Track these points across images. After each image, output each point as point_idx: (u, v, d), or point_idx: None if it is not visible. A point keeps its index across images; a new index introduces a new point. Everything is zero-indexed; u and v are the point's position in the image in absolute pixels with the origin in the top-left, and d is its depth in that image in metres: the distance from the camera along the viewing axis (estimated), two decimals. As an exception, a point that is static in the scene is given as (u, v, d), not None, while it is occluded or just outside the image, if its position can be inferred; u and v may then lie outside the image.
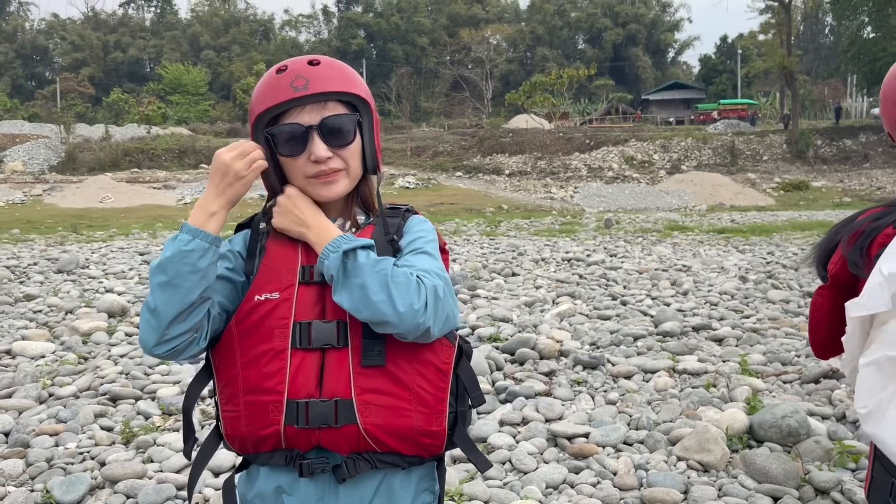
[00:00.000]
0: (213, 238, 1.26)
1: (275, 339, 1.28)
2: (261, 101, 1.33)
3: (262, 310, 1.29)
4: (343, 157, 1.34)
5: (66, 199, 25.50)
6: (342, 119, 1.32)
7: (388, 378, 1.28)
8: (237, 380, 1.30)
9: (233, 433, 1.32)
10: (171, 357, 1.29)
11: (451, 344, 1.34)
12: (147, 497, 3.29)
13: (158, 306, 1.23)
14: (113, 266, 10.70)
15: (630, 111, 57.11)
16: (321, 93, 1.30)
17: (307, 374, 1.27)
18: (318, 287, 1.31)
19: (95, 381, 5.06)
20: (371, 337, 1.28)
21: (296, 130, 1.30)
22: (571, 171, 35.39)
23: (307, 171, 1.33)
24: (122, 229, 17.91)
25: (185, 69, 68.92)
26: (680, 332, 6.27)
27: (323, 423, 1.26)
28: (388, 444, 1.29)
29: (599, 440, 3.92)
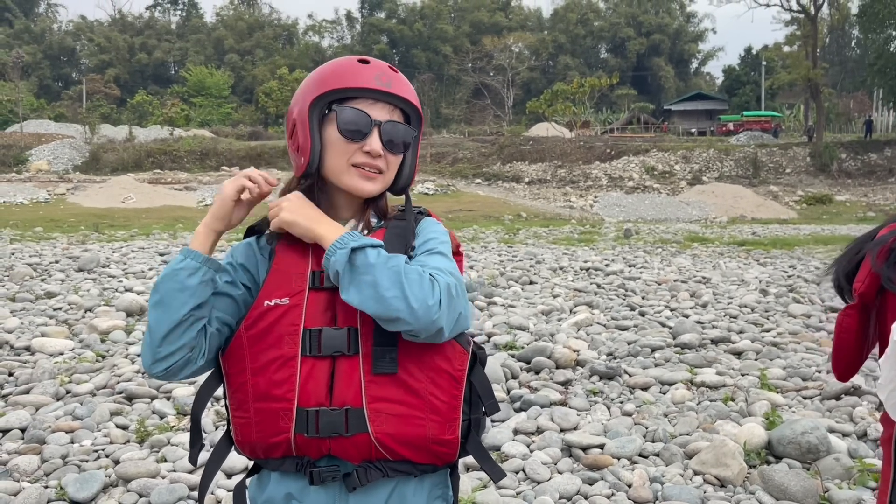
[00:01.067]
0: (203, 258, 1.29)
1: (284, 345, 1.26)
2: (339, 78, 1.32)
3: (271, 316, 1.28)
4: (388, 162, 1.35)
5: (88, 199, 25.81)
6: (404, 129, 1.35)
7: (399, 386, 1.26)
8: (246, 386, 1.29)
9: (243, 439, 1.31)
10: (168, 377, 1.28)
11: (465, 350, 1.32)
12: (160, 497, 3.30)
13: (152, 324, 1.26)
14: (133, 266, 10.80)
15: (652, 121, 56.82)
16: (398, 95, 1.34)
17: (317, 382, 1.25)
18: (328, 293, 1.29)
19: (112, 379, 5.10)
20: (383, 344, 1.26)
21: (364, 119, 1.32)
22: (591, 181, 35.25)
23: (355, 159, 1.32)
24: (143, 229, 18.08)
25: (209, 72, 69.60)
26: (698, 345, 6.20)
27: (333, 433, 1.24)
28: (400, 453, 1.27)
29: (615, 451, 3.87)
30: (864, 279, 1.25)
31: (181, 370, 1.28)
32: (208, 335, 1.30)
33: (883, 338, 1.26)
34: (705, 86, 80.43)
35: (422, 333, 1.20)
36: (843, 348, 1.33)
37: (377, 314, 1.19)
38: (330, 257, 1.23)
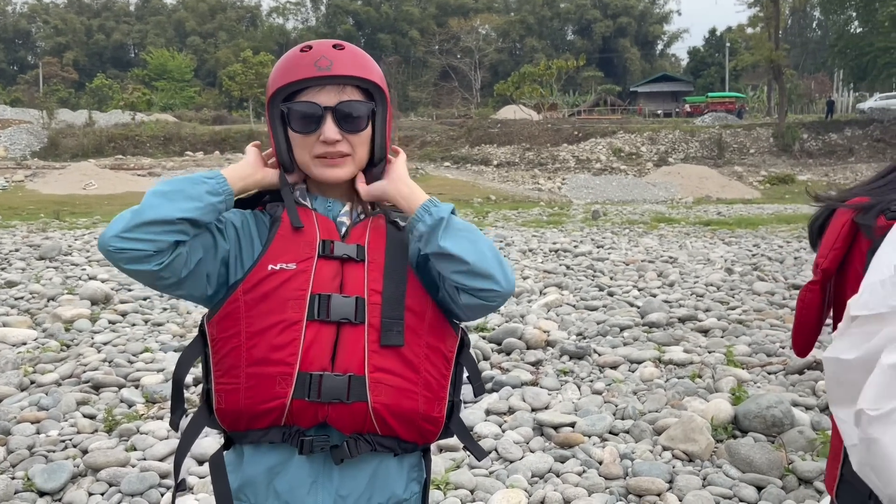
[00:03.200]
0: (229, 191, 1.29)
1: (288, 310, 1.25)
2: (281, 76, 1.32)
3: (275, 280, 1.26)
4: (352, 143, 1.34)
5: (48, 186, 25.19)
6: (358, 105, 1.33)
7: (400, 359, 1.28)
8: (239, 350, 1.26)
9: (227, 407, 1.27)
10: (117, 258, 1.22)
11: (455, 333, 1.36)
12: (130, 485, 3.26)
13: (144, 207, 1.21)
14: (96, 253, 10.58)
15: (619, 103, 57.16)
16: (342, 76, 1.31)
17: (322, 347, 1.25)
18: (337, 262, 1.30)
19: (78, 368, 5.01)
20: (392, 317, 1.28)
21: (311, 110, 1.31)
22: (559, 163, 35.40)
23: (315, 151, 1.33)
24: (105, 216, 17.72)
25: (171, 55, 68.17)
26: (666, 323, 6.29)
27: (335, 398, 1.23)
28: (392, 426, 1.28)
29: (585, 430, 3.93)
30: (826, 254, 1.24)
31: (135, 261, 1.21)
32: (175, 253, 1.25)
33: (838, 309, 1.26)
34: (671, 67, 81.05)
35: (499, 298, 1.30)
36: (804, 324, 1.32)
37: (474, 263, 1.26)
38: (430, 208, 1.30)
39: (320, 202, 1.39)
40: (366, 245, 1.33)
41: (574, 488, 3.28)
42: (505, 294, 1.30)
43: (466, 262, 1.27)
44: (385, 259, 1.32)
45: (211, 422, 1.33)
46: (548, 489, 3.29)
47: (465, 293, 1.30)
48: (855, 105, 46.13)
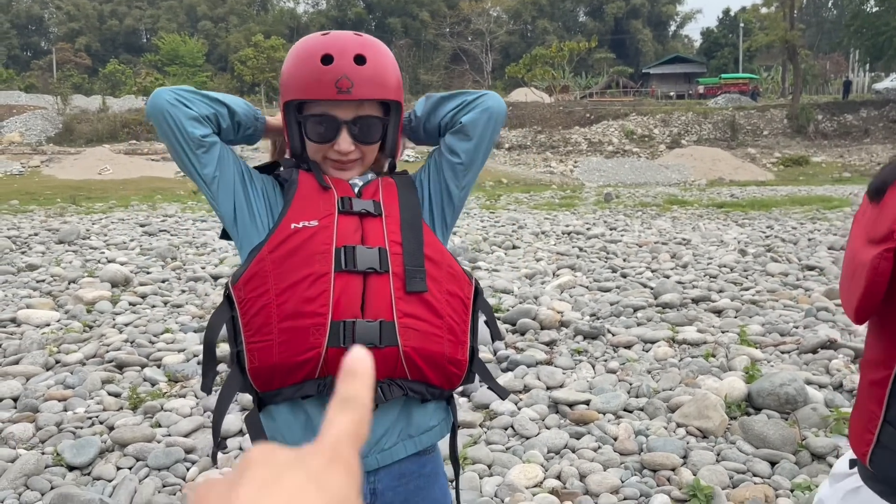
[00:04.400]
0: (263, 119, 1.46)
1: (315, 263, 1.30)
2: (298, 88, 1.37)
3: (299, 237, 1.32)
4: (363, 151, 1.43)
5: (64, 171, 25.38)
6: (373, 121, 1.40)
7: (424, 305, 1.34)
8: (270, 307, 1.30)
9: (261, 364, 1.31)
10: (176, 111, 1.33)
11: (470, 281, 1.43)
12: (157, 459, 3.36)
13: (209, 92, 1.38)
14: (114, 237, 10.72)
15: (631, 85, 56.70)
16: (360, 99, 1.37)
17: (351, 297, 1.30)
18: (356, 217, 1.36)
19: (101, 348, 5.12)
20: (414, 265, 1.34)
21: (329, 122, 1.38)
22: (571, 146, 35.25)
23: (328, 155, 1.42)
24: (121, 201, 17.88)
25: (182, 40, 68.12)
26: (679, 304, 6.32)
27: (369, 343, 1.28)
28: (421, 369, 1.33)
29: (600, 407, 3.99)
30: None
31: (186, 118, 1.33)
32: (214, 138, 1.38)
33: None
34: (683, 49, 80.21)
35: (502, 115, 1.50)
36: (875, 293, 1.23)
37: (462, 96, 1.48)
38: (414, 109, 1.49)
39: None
40: (381, 200, 1.40)
41: (589, 463, 3.34)
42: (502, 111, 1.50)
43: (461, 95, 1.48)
44: (400, 212, 1.39)
45: (244, 384, 1.36)
46: (564, 464, 3.36)
47: (466, 113, 1.46)
48: (871, 85, 45.57)
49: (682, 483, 3.14)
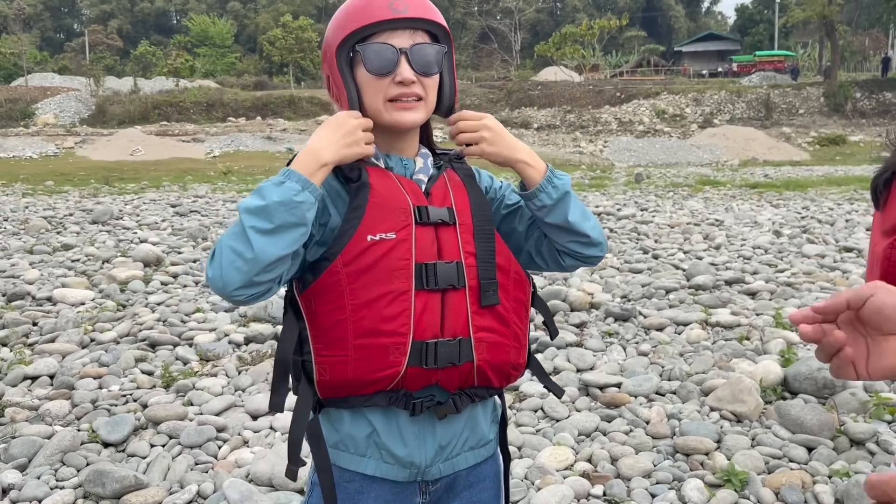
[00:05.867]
0: (319, 193, 1.22)
1: (395, 280, 1.24)
2: (354, 19, 1.30)
3: (377, 250, 1.25)
4: (425, 86, 1.33)
5: (97, 152, 25.75)
6: (432, 48, 1.33)
7: (495, 317, 1.32)
8: (345, 323, 1.25)
9: (333, 378, 1.27)
10: (247, 301, 1.22)
11: (530, 281, 1.42)
12: (189, 437, 3.39)
13: (257, 251, 1.15)
14: (146, 217, 10.86)
15: (663, 63, 55.78)
16: (416, 18, 1.30)
17: (432, 316, 1.26)
18: (432, 228, 1.30)
19: (134, 327, 5.18)
20: (487, 278, 1.31)
21: (388, 51, 1.30)
22: (601, 125, 34.84)
23: (389, 93, 1.31)
24: (152, 182, 18.09)
25: (212, 21, 68.52)
26: (712, 286, 6.22)
27: (449, 363, 1.26)
28: (490, 378, 1.33)
29: (632, 390, 3.94)
30: None
31: (263, 296, 1.23)
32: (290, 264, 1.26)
33: None
34: (716, 26, 78.65)
35: (599, 260, 1.44)
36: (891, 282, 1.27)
37: (591, 235, 1.38)
38: (554, 179, 1.36)
39: (395, 161, 1.37)
40: (453, 206, 1.33)
41: (621, 447, 3.30)
42: (604, 254, 1.44)
43: (587, 236, 1.38)
44: (473, 220, 1.34)
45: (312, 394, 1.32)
46: (595, 447, 3.32)
47: (572, 258, 1.41)
48: (912, 62, 44.19)
49: (715, 468, 3.08)
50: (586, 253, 1.40)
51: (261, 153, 26.91)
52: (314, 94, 41.50)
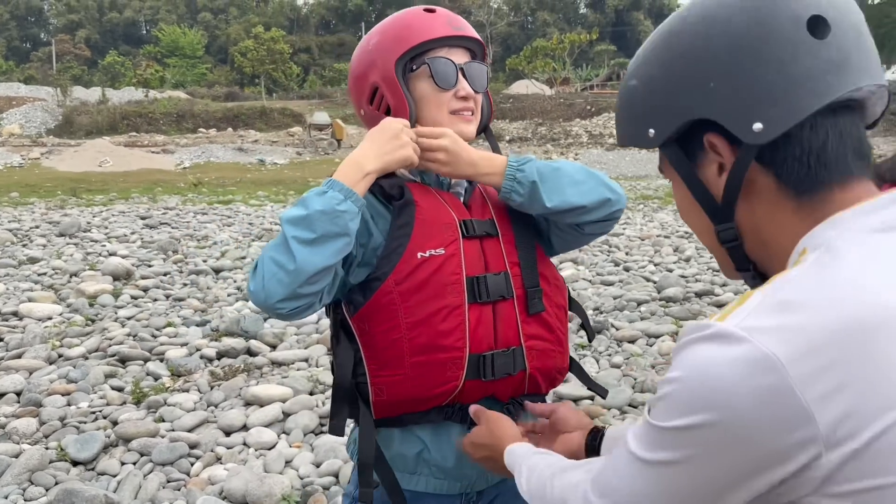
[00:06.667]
0: (362, 203, 1.21)
1: (448, 295, 1.25)
2: (416, 33, 1.32)
3: (428, 267, 1.25)
4: (477, 102, 1.38)
5: (64, 163, 25.35)
6: (482, 66, 1.38)
7: (542, 324, 1.34)
8: (401, 342, 1.24)
9: (390, 398, 1.26)
10: (290, 315, 1.21)
11: (566, 286, 1.44)
12: (161, 455, 3.35)
13: (300, 262, 1.15)
14: (115, 230, 10.70)
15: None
16: (469, 37, 1.36)
17: (486, 328, 1.28)
18: (477, 241, 1.32)
19: (103, 342, 5.10)
20: (532, 286, 1.33)
21: (451, 66, 1.33)
22: (572, 138, 35.20)
23: (452, 106, 1.34)
24: (121, 193, 17.85)
25: (182, 31, 68.08)
26: (683, 298, 6.31)
27: (505, 373, 1.28)
28: (539, 385, 1.35)
29: (605, 402, 3.97)
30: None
31: (306, 311, 1.22)
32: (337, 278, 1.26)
33: None
34: (685, 41, 79.92)
35: (619, 212, 1.36)
36: None
37: (589, 203, 1.31)
38: (516, 175, 1.30)
39: (431, 176, 1.39)
40: (493, 217, 1.36)
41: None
42: (623, 205, 1.36)
43: (582, 206, 1.32)
44: (513, 229, 1.36)
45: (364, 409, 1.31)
46: (569, 460, 3.34)
47: (589, 226, 1.36)
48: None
49: (688, 479, 3.12)
50: (594, 218, 1.34)
51: (232, 164, 26.72)
52: (286, 105, 41.38)
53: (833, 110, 0.73)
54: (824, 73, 0.72)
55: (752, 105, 0.73)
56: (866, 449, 0.62)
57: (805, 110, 0.72)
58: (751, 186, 0.77)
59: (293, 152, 30.07)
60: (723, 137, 0.76)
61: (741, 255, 0.83)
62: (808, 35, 0.72)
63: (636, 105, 0.84)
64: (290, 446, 3.54)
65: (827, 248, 0.70)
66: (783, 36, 0.72)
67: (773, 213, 0.77)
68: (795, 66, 0.72)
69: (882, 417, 0.62)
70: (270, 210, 13.51)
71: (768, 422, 0.63)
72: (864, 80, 0.74)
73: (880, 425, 0.62)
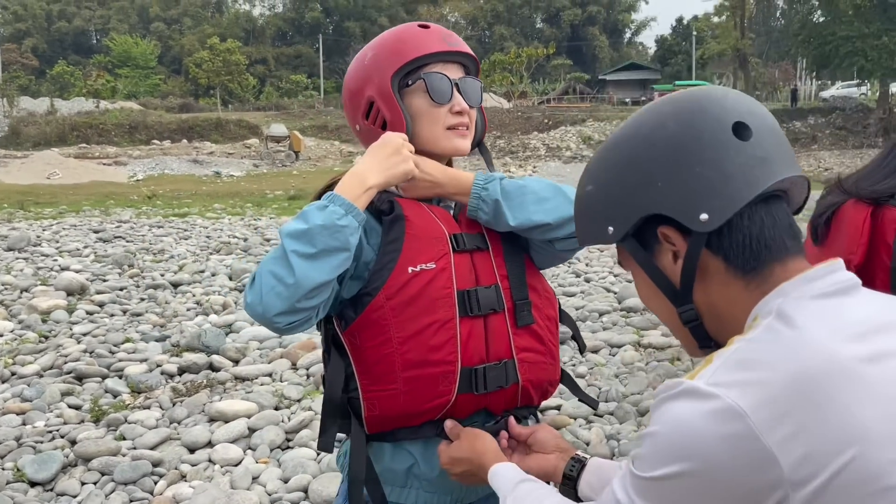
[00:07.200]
0: (362, 217, 1.21)
1: (439, 309, 1.25)
2: (412, 48, 1.32)
3: (419, 282, 1.25)
4: (471, 117, 1.39)
5: (10, 175, 24.61)
6: (476, 82, 1.39)
7: (533, 336, 1.34)
8: (392, 357, 1.24)
9: (382, 413, 1.26)
10: (287, 329, 1.20)
11: (556, 297, 1.44)
12: (123, 474, 3.27)
13: (299, 276, 1.14)
14: (67, 244, 10.42)
15: (588, 91, 57.50)
16: (464, 52, 1.37)
17: (478, 341, 1.28)
18: (468, 255, 1.31)
19: (58, 359, 4.97)
20: (520, 298, 1.33)
21: (446, 81, 1.34)
22: (530, 151, 35.55)
23: (448, 121, 1.35)
24: (72, 206, 17.39)
25: (134, 42, 66.84)
26: (643, 308, 6.41)
27: (498, 386, 1.28)
28: (532, 398, 1.35)
29: (571, 412, 4.01)
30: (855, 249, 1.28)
31: (304, 325, 1.21)
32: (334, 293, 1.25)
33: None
34: (638, 56, 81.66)
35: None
36: None
37: (553, 221, 1.31)
38: (481, 193, 1.30)
39: None
40: (483, 231, 1.36)
41: (563, 468, 3.35)
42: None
43: (546, 224, 1.31)
44: (502, 243, 1.36)
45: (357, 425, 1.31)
46: (538, 470, 3.36)
47: (559, 243, 1.36)
48: (818, 93, 47.00)
49: (655, 486, 3.17)
50: (560, 235, 1.33)
51: (187, 177, 26.28)
52: (242, 116, 40.92)
53: (765, 200, 0.84)
54: (752, 167, 0.82)
55: (696, 198, 0.83)
56: (827, 486, 0.69)
57: (742, 200, 0.82)
58: (704, 270, 0.86)
59: (250, 164, 29.72)
60: (674, 228, 0.86)
61: (703, 334, 0.91)
62: (734, 137, 0.83)
63: (594, 207, 0.94)
64: (256, 462, 3.50)
65: (777, 314, 0.79)
66: (714, 137, 0.83)
67: (725, 291, 0.86)
68: (728, 164, 0.82)
69: (837, 458, 0.69)
70: (228, 223, 13.32)
71: (738, 465, 0.71)
72: (786, 172, 0.85)
73: (836, 465, 0.69)
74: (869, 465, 0.69)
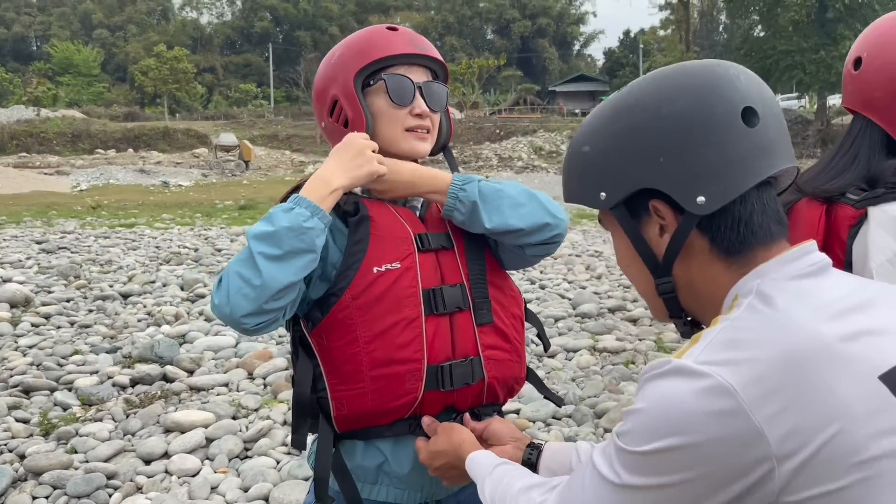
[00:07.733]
0: (328, 219, 1.23)
1: (404, 308, 1.27)
2: (377, 48, 1.34)
3: (384, 281, 1.27)
4: (433, 121, 1.40)
5: (-54, 185, 23.72)
6: (441, 87, 1.41)
7: (498, 333, 1.36)
8: (359, 356, 1.26)
9: (351, 412, 1.28)
10: (255, 330, 1.21)
11: (521, 295, 1.47)
12: (76, 487, 3.18)
13: (266, 278, 1.16)
14: (8, 255, 10.07)
15: (538, 102, 58.25)
16: (430, 56, 1.39)
17: (444, 339, 1.30)
18: (433, 254, 1.33)
19: (3, 372, 4.81)
20: (481, 297, 1.34)
21: (408, 83, 1.35)
22: (482, 161, 35.82)
23: (407, 123, 1.36)
24: (11, 217, 16.83)
25: (76, 48, 65.18)
26: (597, 314, 6.52)
27: (464, 383, 1.30)
28: (498, 395, 1.37)
29: (530, 416, 4.06)
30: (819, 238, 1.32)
31: (271, 326, 1.22)
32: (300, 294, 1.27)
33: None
34: (587, 68, 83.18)
35: (560, 237, 1.37)
36: None
37: (526, 227, 1.33)
38: (458, 194, 1.31)
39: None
40: (448, 231, 1.38)
41: (524, 471, 3.39)
42: (563, 230, 1.37)
43: (520, 229, 1.34)
44: (464, 242, 1.38)
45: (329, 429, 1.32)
46: (499, 473, 3.39)
47: (529, 248, 1.38)
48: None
49: (614, 486, 3.23)
50: (533, 241, 1.36)
51: (133, 187, 25.68)
52: (190, 125, 40.24)
53: (757, 186, 0.85)
54: (755, 156, 0.84)
55: (696, 181, 0.84)
56: (811, 460, 0.73)
57: (741, 188, 0.84)
58: (688, 247, 0.88)
59: (199, 174, 29.22)
60: (667, 205, 0.87)
61: (676, 305, 0.93)
62: (742, 123, 0.84)
63: (589, 170, 0.94)
64: (215, 472, 3.44)
65: (756, 294, 0.82)
66: (723, 120, 0.84)
67: (706, 270, 0.88)
68: (732, 150, 0.83)
69: (821, 433, 0.73)
70: (178, 233, 13.06)
71: (728, 440, 0.74)
72: (785, 163, 0.87)
73: (820, 439, 0.73)
74: (850, 439, 0.73)
